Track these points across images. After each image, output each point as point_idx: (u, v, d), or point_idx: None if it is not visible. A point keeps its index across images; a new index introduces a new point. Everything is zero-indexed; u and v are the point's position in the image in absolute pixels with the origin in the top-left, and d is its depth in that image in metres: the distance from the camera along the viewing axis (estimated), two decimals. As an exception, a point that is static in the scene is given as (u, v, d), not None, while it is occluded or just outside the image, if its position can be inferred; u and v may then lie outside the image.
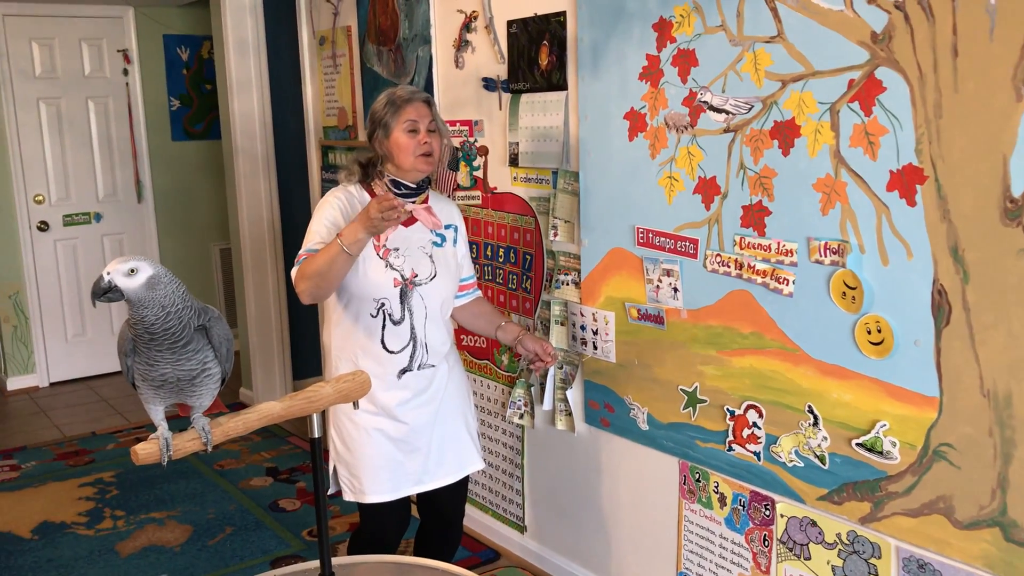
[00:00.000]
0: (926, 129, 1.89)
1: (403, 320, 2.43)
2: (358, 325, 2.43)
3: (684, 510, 2.65)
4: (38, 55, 5.66)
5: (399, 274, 2.42)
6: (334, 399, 1.70)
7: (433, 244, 2.50)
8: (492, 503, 3.49)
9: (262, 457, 4.52)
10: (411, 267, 2.43)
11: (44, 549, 3.60)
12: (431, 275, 2.46)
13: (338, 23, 3.96)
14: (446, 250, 2.53)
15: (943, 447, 1.96)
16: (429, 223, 2.47)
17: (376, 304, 2.41)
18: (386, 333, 2.42)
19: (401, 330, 2.43)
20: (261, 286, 5.14)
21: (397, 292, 2.42)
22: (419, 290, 2.44)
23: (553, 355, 2.66)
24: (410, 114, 2.40)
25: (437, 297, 2.48)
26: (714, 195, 2.37)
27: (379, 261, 2.40)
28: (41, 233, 5.79)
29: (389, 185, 2.43)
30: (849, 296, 2.09)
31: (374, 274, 2.39)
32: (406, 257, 2.43)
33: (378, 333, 2.42)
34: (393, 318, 2.42)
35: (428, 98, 2.46)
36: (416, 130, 2.40)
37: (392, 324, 2.42)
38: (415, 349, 2.46)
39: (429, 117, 2.43)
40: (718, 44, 2.29)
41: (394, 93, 2.44)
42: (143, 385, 1.61)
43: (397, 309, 2.42)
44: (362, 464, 2.47)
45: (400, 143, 2.40)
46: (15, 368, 5.83)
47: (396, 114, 2.41)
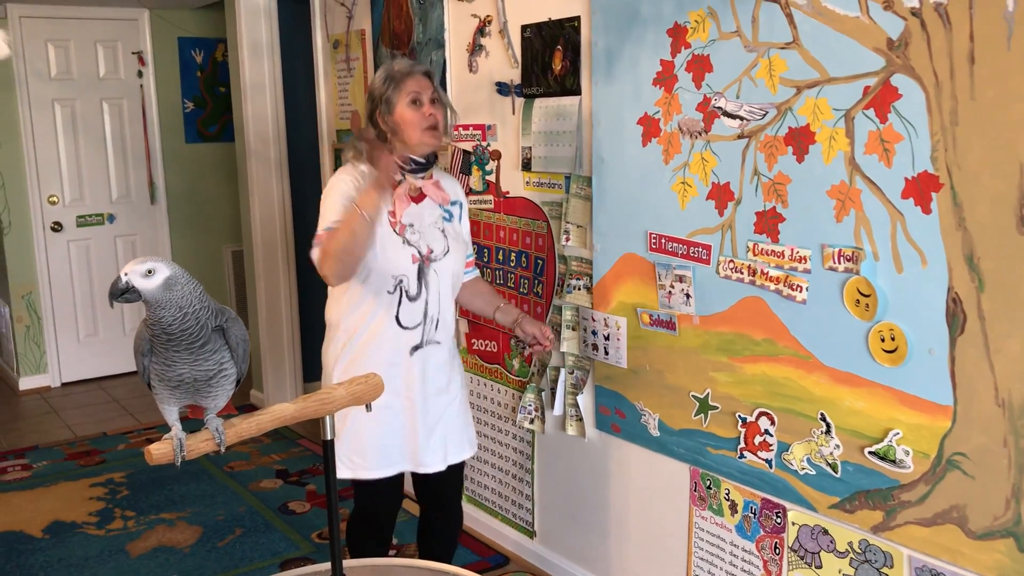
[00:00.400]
0: (942, 136, 1.88)
1: (419, 296, 2.43)
2: (376, 301, 2.42)
3: (695, 517, 2.64)
4: (53, 56, 5.70)
5: (416, 250, 2.42)
6: (347, 401, 1.70)
7: (443, 219, 2.50)
8: (501, 508, 3.48)
9: (272, 459, 4.53)
10: (426, 243, 2.43)
11: (55, 548, 3.62)
12: (445, 250, 2.46)
13: (352, 27, 3.97)
14: (455, 225, 2.54)
15: (957, 456, 1.95)
16: (439, 198, 2.47)
17: (395, 281, 2.40)
18: (401, 309, 2.42)
19: (416, 306, 2.43)
20: (273, 288, 5.16)
21: (415, 268, 2.41)
22: (435, 266, 2.44)
23: (551, 339, 2.64)
24: (411, 87, 2.39)
25: (450, 272, 2.48)
26: (727, 201, 2.36)
27: (396, 237, 2.40)
28: (55, 234, 5.82)
29: (399, 161, 2.41)
30: (863, 303, 2.08)
31: (392, 251, 2.39)
32: (421, 233, 2.43)
33: (394, 309, 2.41)
34: (410, 294, 2.42)
35: (427, 69, 2.45)
36: (419, 101, 2.39)
37: (408, 300, 2.42)
38: (426, 325, 2.46)
39: (431, 88, 2.41)
40: (733, 50, 2.29)
41: (392, 67, 2.42)
42: (159, 385, 1.61)
43: (414, 285, 2.42)
44: (363, 441, 2.46)
45: (405, 117, 2.38)
46: (27, 368, 5.86)
47: (397, 89, 2.39)
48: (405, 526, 3.60)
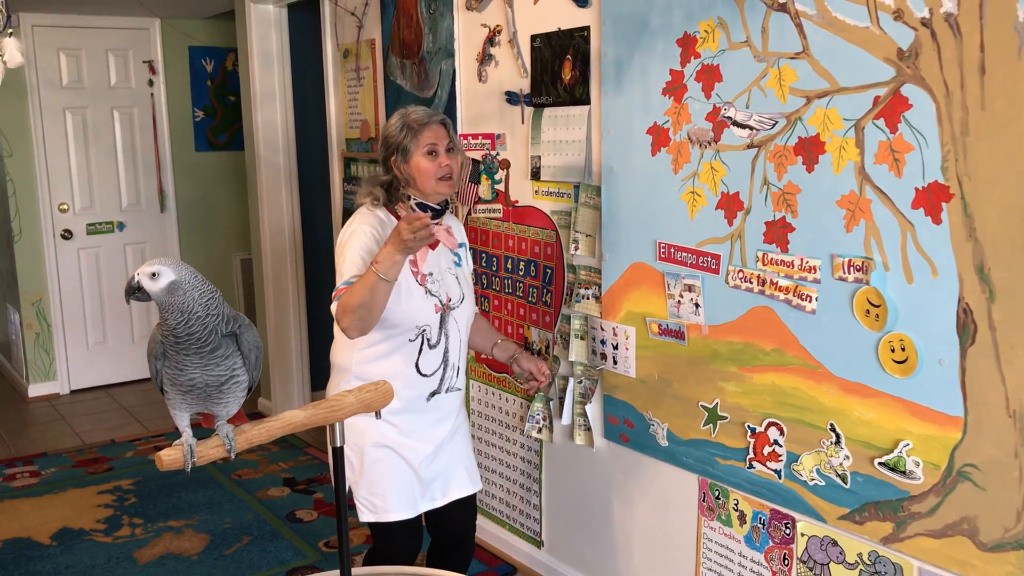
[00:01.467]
0: (952, 147, 1.88)
1: (438, 344, 2.44)
2: (395, 350, 2.41)
3: (703, 527, 2.63)
4: (65, 65, 5.73)
5: (438, 300, 2.42)
6: (357, 408, 1.71)
7: (455, 264, 2.51)
8: (509, 517, 3.48)
9: (280, 467, 4.53)
10: (445, 291, 2.44)
11: (63, 555, 3.62)
12: (461, 297, 2.48)
13: (362, 36, 3.98)
14: (464, 270, 2.55)
15: (967, 468, 1.94)
16: (449, 244, 2.48)
17: (417, 330, 2.40)
18: (421, 357, 2.42)
19: (435, 354, 2.44)
20: (281, 297, 5.17)
21: (438, 318, 2.42)
22: (454, 313, 2.46)
23: (547, 375, 2.66)
24: (429, 138, 2.38)
25: (466, 318, 2.51)
26: (737, 211, 2.36)
27: (419, 288, 2.40)
28: (65, 241, 5.84)
29: (415, 208, 2.41)
30: (873, 314, 2.07)
31: (418, 302, 2.39)
32: (440, 282, 2.44)
33: (414, 357, 2.42)
34: (431, 343, 2.43)
35: (444, 119, 2.45)
36: (435, 152, 2.39)
37: (428, 348, 2.43)
38: (445, 371, 2.47)
39: (447, 139, 2.41)
40: (742, 60, 2.29)
41: (408, 116, 2.41)
42: (171, 390, 1.62)
43: (435, 334, 2.43)
44: (384, 484, 2.45)
45: (421, 167, 2.38)
46: (37, 375, 5.87)
47: (415, 139, 2.38)
48: (412, 535, 3.60)
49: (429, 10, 3.50)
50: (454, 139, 2.45)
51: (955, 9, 1.84)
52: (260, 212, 5.10)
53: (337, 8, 4.14)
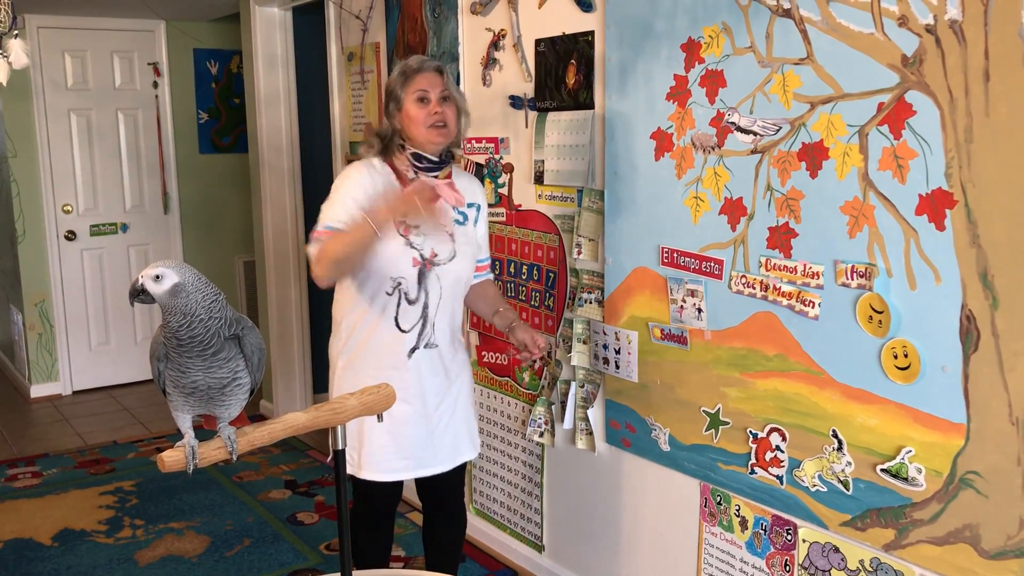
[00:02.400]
0: (956, 153, 1.88)
1: (417, 300, 2.39)
2: (373, 302, 2.39)
3: (704, 533, 2.63)
4: (70, 67, 5.75)
5: (419, 253, 2.37)
6: (359, 411, 1.71)
7: (455, 223, 2.46)
8: (510, 521, 3.47)
9: (281, 470, 4.53)
10: (431, 247, 2.39)
11: (64, 556, 3.62)
12: (451, 255, 2.42)
13: (367, 39, 3.99)
14: (467, 229, 2.50)
15: (970, 475, 1.94)
16: (452, 200, 2.42)
17: (393, 283, 2.36)
18: (400, 312, 2.39)
19: (414, 310, 2.40)
20: (284, 299, 5.17)
21: (415, 272, 2.37)
22: (437, 270, 2.40)
23: (542, 347, 2.56)
24: (420, 84, 2.35)
25: (453, 277, 2.44)
26: (740, 216, 2.36)
27: (399, 239, 2.34)
28: (68, 242, 5.85)
29: (411, 158, 2.38)
30: (876, 320, 2.07)
31: (393, 253, 2.34)
32: (426, 236, 2.37)
33: (392, 311, 2.39)
34: (408, 297, 2.38)
35: (440, 66, 2.40)
36: (426, 99, 2.35)
37: (407, 303, 2.39)
38: (424, 328, 2.43)
39: (440, 86, 2.37)
40: (747, 65, 2.30)
41: (406, 63, 2.40)
42: (174, 392, 1.62)
43: (413, 289, 2.38)
44: (362, 441, 2.45)
45: (411, 114, 2.35)
46: (39, 376, 5.88)
47: (406, 84, 2.36)
48: (413, 537, 3.60)
49: (434, 14, 3.51)
50: (451, 88, 2.40)
51: (959, 16, 1.84)
52: (263, 214, 5.11)
53: (342, 11, 4.15)
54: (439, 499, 2.70)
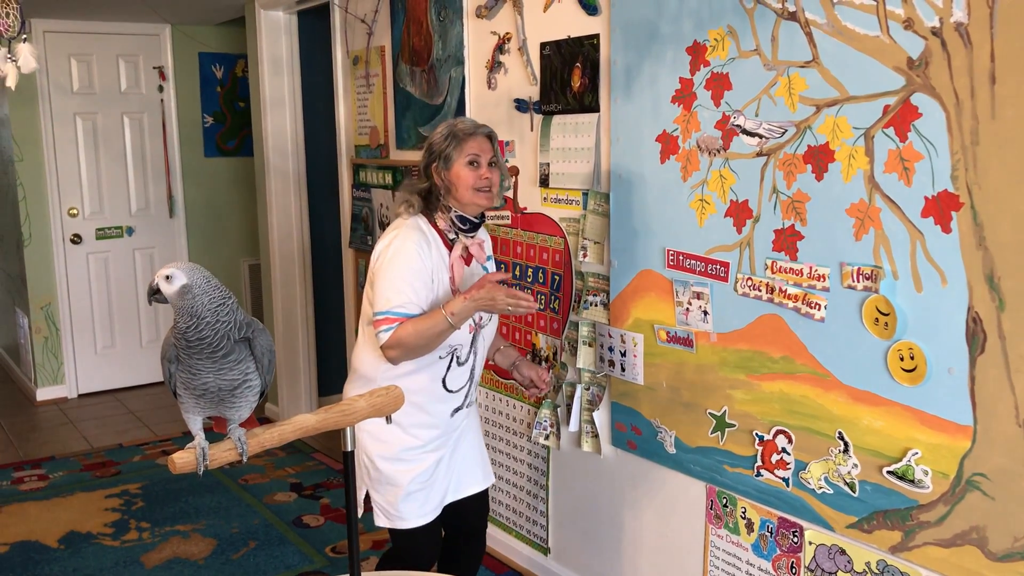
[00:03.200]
0: (962, 156, 1.88)
1: (467, 361, 2.45)
2: (423, 367, 2.39)
3: (710, 535, 2.63)
4: (76, 71, 5.77)
5: (471, 320, 2.40)
6: (368, 413, 1.71)
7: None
8: (516, 524, 3.48)
9: (287, 472, 4.54)
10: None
11: (70, 559, 3.63)
12: (490, 316, 2.49)
13: (372, 43, 4.00)
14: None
15: (977, 477, 1.94)
16: (482, 258, 2.48)
17: (449, 349, 2.39)
18: (449, 374, 2.43)
19: (463, 371, 2.45)
20: (289, 302, 5.18)
21: (470, 338, 2.43)
22: (483, 332, 2.47)
23: (548, 382, 2.64)
24: (472, 148, 2.37)
25: (490, 335, 2.53)
26: (746, 219, 2.36)
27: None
28: (74, 246, 5.87)
29: (455, 220, 2.39)
30: (882, 322, 2.07)
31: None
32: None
33: (441, 374, 2.41)
34: (460, 360, 2.43)
35: (491, 132, 2.44)
36: (477, 163, 2.37)
37: (457, 366, 2.43)
38: (470, 387, 2.49)
39: (490, 152, 2.40)
40: (752, 68, 2.30)
41: (455, 126, 2.41)
42: (185, 394, 1.63)
43: (465, 352, 2.44)
44: (399, 494, 2.44)
45: (461, 176, 2.36)
46: (45, 379, 5.89)
47: (459, 147, 2.37)
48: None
49: (439, 17, 3.52)
50: (497, 154, 2.44)
51: (965, 18, 1.85)
52: (269, 218, 5.12)
53: (347, 15, 4.16)
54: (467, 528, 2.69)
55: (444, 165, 2.38)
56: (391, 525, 2.48)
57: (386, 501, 2.47)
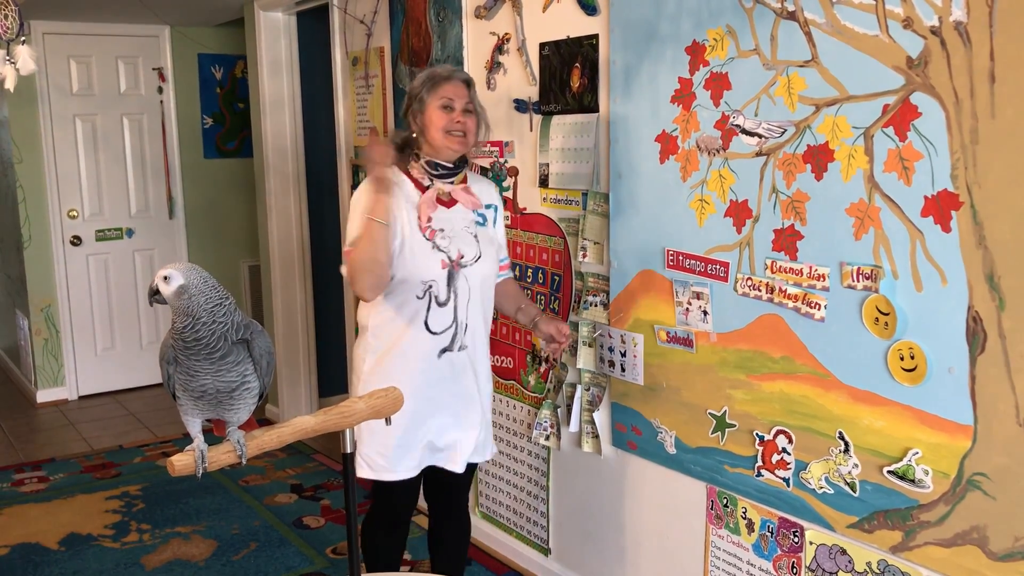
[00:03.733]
0: (962, 155, 1.88)
1: (448, 302, 2.44)
2: (403, 307, 2.43)
3: (711, 535, 2.63)
4: (75, 72, 5.77)
5: (446, 255, 2.42)
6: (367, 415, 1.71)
7: (476, 224, 2.51)
8: (516, 524, 3.47)
9: (287, 474, 4.54)
10: (457, 248, 2.44)
11: (70, 561, 3.63)
12: (476, 256, 2.47)
13: (371, 44, 4.00)
14: (488, 230, 2.55)
15: (977, 476, 1.94)
16: (470, 203, 2.48)
17: (424, 286, 2.41)
18: (430, 315, 2.43)
19: (445, 311, 2.44)
20: (289, 303, 5.18)
21: (444, 274, 2.42)
22: (465, 271, 2.45)
23: (567, 335, 2.61)
24: (447, 91, 2.41)
25: (480, 277, 2.49)
26: (746, 218, 2.36)
27: (426, 243, 2.41)
28: (74, 248, 5.86)
29: (426, 167, 2.44)
30: (882, 322, 2.07)
31: (421, 257, 2.40)
32: (451, 239, 2.44)
33: (423, 315, 2.43)
34: (439, 300, 2.43)
35: (468, 79, 2.46)
36: (451, 107, 2.40)
37: (437, 306, 2.43)
38: (456, 330, 2.47)
39: (466, 98, 2.43)
40: (751, 68, 2.30)
41: (435, 70, 2.46)
42: (183, 396, 1.63)
43: (443, 291, 2.43)
44: (387, 443, 2.47)
45: (433, 119, 2.41)
46: (45, 381, 5.89)
47: (433, 90, 2.42)
48: (418, 541, 3.60)
49: (438, 18, 3.52)
50: (475, 101, 2.46)
51: (965, 17, 1.84)
52: (268, 219, 5.12)
53: (346, 16, 4.16)
54: (447, 500, 2.71)
55: (419, 107, 2.43)
56: (374, 476, 2.51)
57: (372, 451, 2.49)
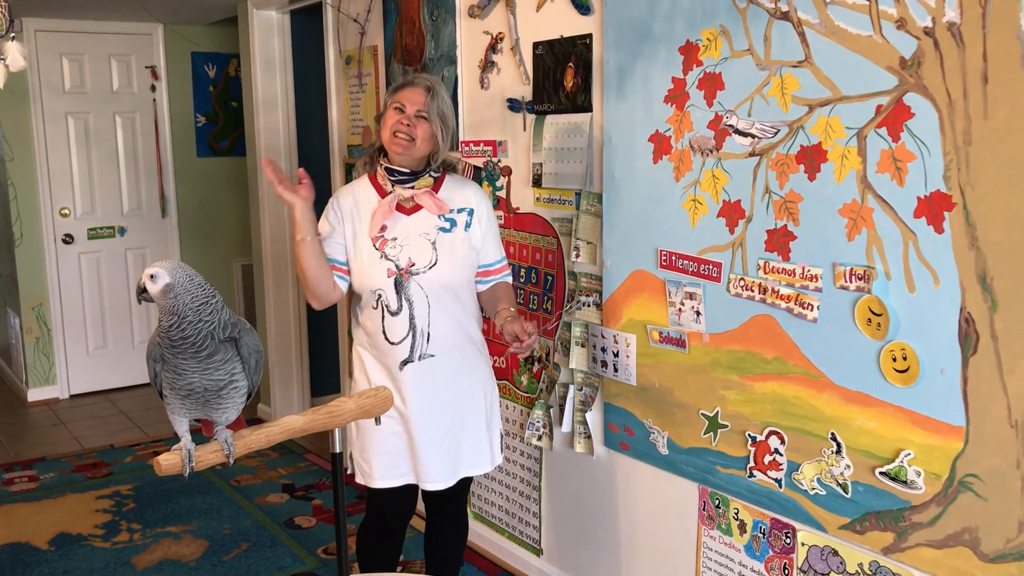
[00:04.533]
0: (955, 156, 1.88)
1: (400, 311, 2.41)
2: (365, 317, 2.47)
3: (703, 536, 2.62)
4: (68, 70, 5.75)
5: (393, 264, 2.41)
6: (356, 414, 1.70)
7: (439, 230, 2.47)
8: (509, 525, 3.47)
9: (278, 473, 4.52)
10: (408, 256, 2.41)
11: (60, 561, 3.61)
12: (431, 262, 2.42)
13: (364, 43, 3.99)
14: (454, 235, 2.48)
15: (969, 478, 1.94)
16: (434, 208, 2.46)
17: (374, 295, 2.41)
18: (386, 324, 2.43)
19: (399, 321, 2.42)
20: (281, 303, 5.17)
21: (391, 283, 2.40)
22: (417, 279, 2.41)
23: (531, 332, 2.43)
24: (403, 96, 2.42)
25: (439, 285, 2.42)
26: (738, 219, 2.36)
27: (374, 252, 2.41)
28: (66, 246, 5.84)
29: (385, 172, 2.46)
30: (874, 323, 2.07)
31: (369, 266, 2.41)
32: (403, 246, 2.42)
33: (379, 324, 2.43)
34: (390, 309, 2.41)
35: (431, 86, 2.43)
36: (402, 110, 2.41)
37: (390, 315, 2.42)
38: (415, 339, 2.43)
39: (422, 104, 2.40)
40: (745, 68, 2.29)
41: (402, 78, 2.50)
42: (171, 395, 1.62)
43: (393, 300, 2.41)
44: (371, 450, 2.49)
45: (385, 121, 2.44)
46: (36, 380, 5.87)
47: (392, 94, 2.45)
48: (412, 542, 3.59)
49: (432, 17, 3.51)
50: (434, 107, 2.41)
51: (958, 18, 1.84)
52: (261, 218, 5.10)
53: (340, 14, 4.15)
54: (442, 508, 2.69)
55: (382, 112, 2.47)
56: (363, 481, 2.54)
57: (359, 456, 2.53)
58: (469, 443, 2.56)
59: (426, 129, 2.41)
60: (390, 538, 2.64)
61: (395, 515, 2.61)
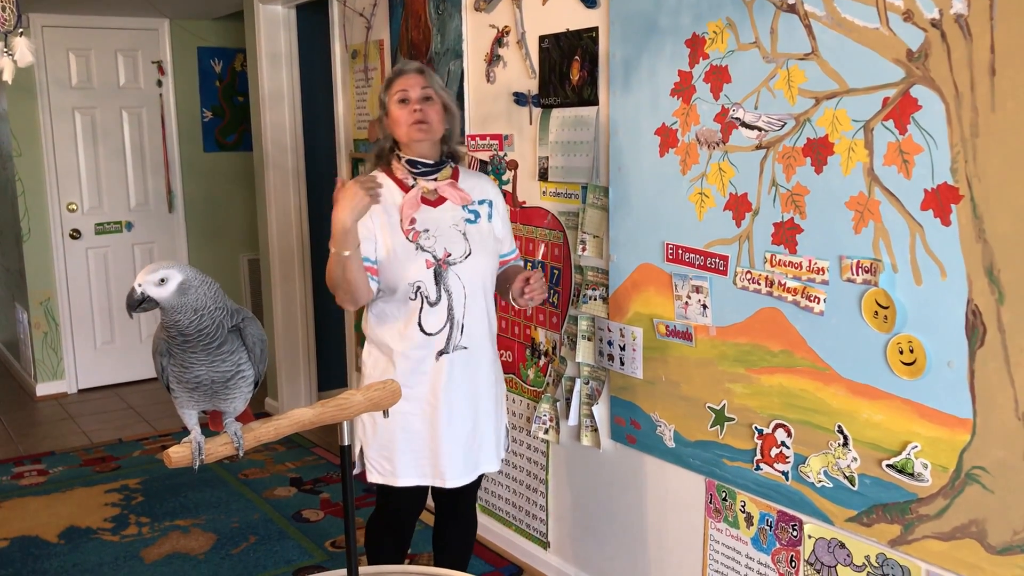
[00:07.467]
0: (962, 148, 1.88)
1: (439, 301, 2.41)
2: (399, 310, 2.42)
3: (710, 529, 2.63)
4: (74, 65, 5.76)
5: (431, 255, 2.40)
6: (365, 407, 1.71)
7: (466, 221, 2.48)
8: (515, 518, 3.48)
9: (286, 467, 4.54)
10: (443, 247, 2.41)
11: (70, 554, 3.63)
12: (465, 253, 2.44)
13: (371, 37, 3.99)
14: (480, 226, 2.50)
15: (976, 470, 1.94)
16: (458, 199, 2.46)
17: (412, 288, 2.39)
18: (423, 315, 2.41)
19: (438, 311, 2.42)
20: (288, 297, 5.18)
21: (430, 273, 2.40)
22: (454, 269, 2.42)
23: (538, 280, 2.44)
24: (400, 85, 2.41)
25: (473, 274, 2.45)
26: (745, 212, 2.36)
27: (409, 244, 2.39)
28: (73, 241, 5.86)
29: (406, 166, 2.43)
30: (881, 315, 2.07)
31: (406, 260, 2.38)
32: (437, 237, 2.41)
33: (416, 316, 2.41)
34: (430, 300, 2.41)
35: (420, 67, 2.44)
36: (407, 99, 2.39)
37: (429, 306, 2.41)
38: (451, 330, 2.44)
39: (421, 85, 2.41)
40: (751, 61, 2.29)
41: (391, 72, 2.47)
42: (178, 388, 1.62)
43: (433, 291, 2.41)
44: (394, 448, 2.47)
45: (395, 117, 2.41)
46: (45, 374, 5.89)
47: (388, 89, 2.43)
48: (420, 535, 3.60)
49: (438, 11, 3.51)
50: (434, 87, 2.43)
51: (965, 10, 1.84)
52: (268, 213, 5.11)
53: (346, 9, 4.15)
54: (453, 505, 2.70)
55: (385, 112, 2.45)
56: (382, 481, 2.50)
57: (378, 455, 2.49)
58: (488, 438, 2.57)
59: (435, 110, 2.42)
60: (401, 531, 2.65)
61: (409, 511, 2.61)
